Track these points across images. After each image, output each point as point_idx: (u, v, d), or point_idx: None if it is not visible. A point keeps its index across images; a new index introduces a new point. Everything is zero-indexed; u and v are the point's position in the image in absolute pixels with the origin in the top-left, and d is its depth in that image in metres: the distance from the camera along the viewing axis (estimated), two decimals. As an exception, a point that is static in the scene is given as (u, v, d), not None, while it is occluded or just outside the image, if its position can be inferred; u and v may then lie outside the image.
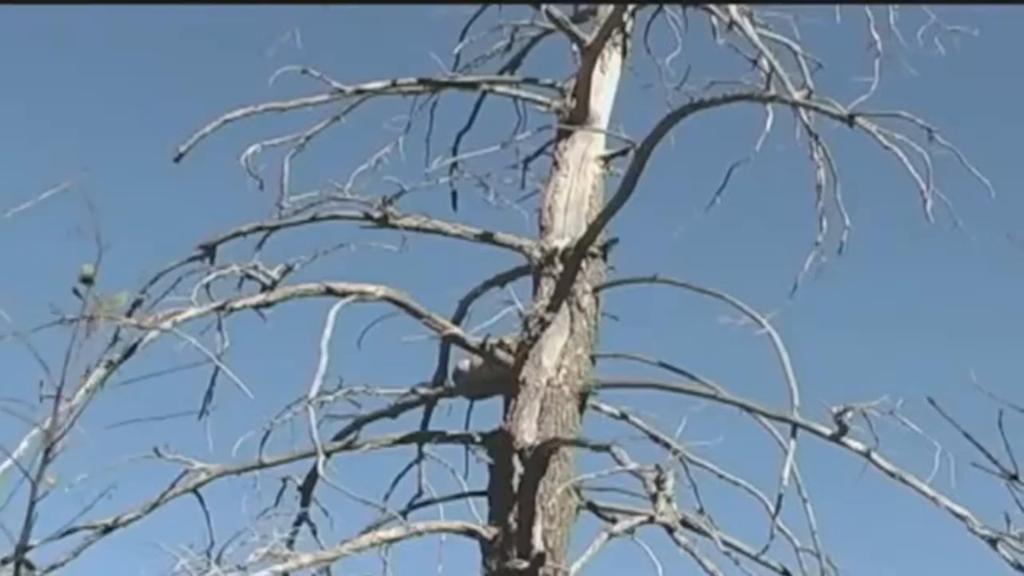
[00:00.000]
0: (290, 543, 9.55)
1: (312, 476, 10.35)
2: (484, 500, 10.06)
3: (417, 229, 10.57)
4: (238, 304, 9.74)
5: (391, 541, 9.48)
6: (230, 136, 10.98)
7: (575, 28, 11.12)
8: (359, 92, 11.25)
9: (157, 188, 16.01)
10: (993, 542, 9.17)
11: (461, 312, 10.96)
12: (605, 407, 10.52)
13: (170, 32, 15.51)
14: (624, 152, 10.93)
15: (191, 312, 9.52)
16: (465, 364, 10.47)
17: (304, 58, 11.10)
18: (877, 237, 13.35)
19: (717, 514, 10.26)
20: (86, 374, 8.89)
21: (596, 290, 10.61)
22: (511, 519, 9.69)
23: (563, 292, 10.29)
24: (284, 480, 10.49)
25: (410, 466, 10.76)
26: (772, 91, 10.02)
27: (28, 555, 7.69)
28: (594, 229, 10.37)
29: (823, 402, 9.64)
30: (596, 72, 11.16)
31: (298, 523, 10.33)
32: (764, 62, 10.64)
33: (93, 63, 18.76)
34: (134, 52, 17.78)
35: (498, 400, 10.36)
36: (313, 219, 10.61)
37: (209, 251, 10.50)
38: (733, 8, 10.80)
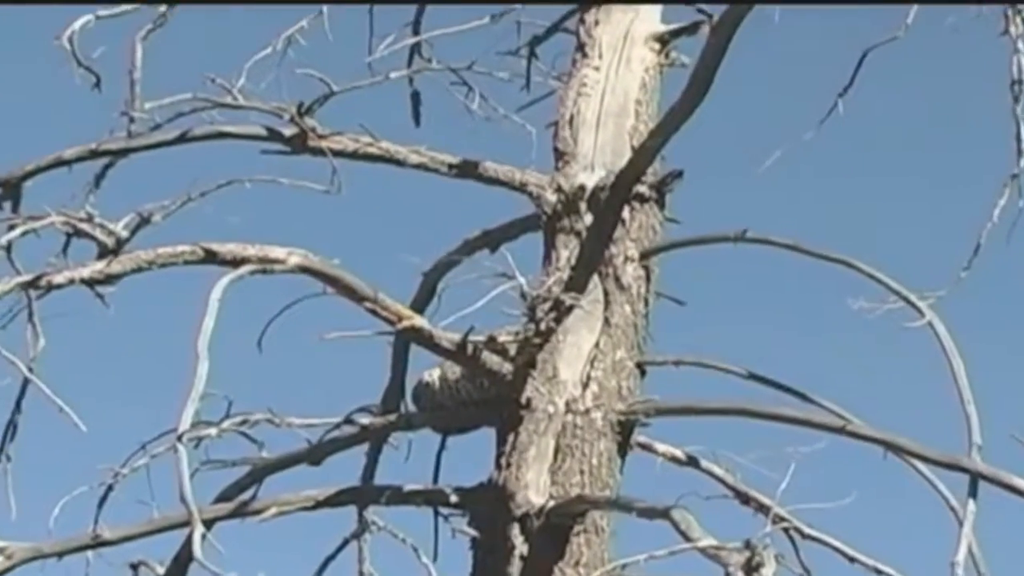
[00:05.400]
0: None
1: (182, 560, 9.64)
2: (464, 597, 9.53)
3: (354, 156, 10.04)
4: (60, 278, 9.20)
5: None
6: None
7: None
8: (258, -74, 10.67)
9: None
10: None
11: (428, 292, 10.33)
12: (661, 446, 10.01)
13: None
14: (694, 28, 10.46)
15: (-19, 290, 9.22)
16: (433, 376, 9.79)
17: None
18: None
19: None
20: None
21: (646, 255, 9.93)
22: (509, 627, 9.34)
23: (593, 259, 9.48)
24: (136, 566, 9.82)
25: (346, 543, 10.09)
26: (939, -79, 9.16)
27: None
28: (644, 155, 9.36)
29: (1018, 437, 9.01)
30: None
31: (160, 634, 9.90)
32: None
33: None
34: None
35: (486, 434, 9.72)
36: (184, 139, 10.06)
37: (11, 191, 10.00)
38: None
